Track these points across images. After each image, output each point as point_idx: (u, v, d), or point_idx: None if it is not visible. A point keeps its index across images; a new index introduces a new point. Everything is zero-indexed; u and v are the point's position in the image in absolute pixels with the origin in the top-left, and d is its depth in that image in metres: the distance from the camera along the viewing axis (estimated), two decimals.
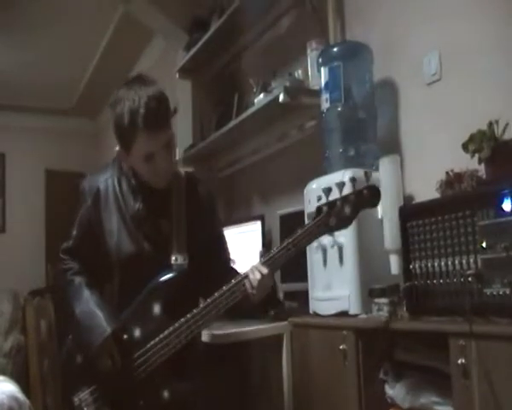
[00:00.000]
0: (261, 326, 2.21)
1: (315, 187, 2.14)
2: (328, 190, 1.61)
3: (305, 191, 2.20)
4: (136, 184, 1.70)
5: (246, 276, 1.57)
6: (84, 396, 1.61)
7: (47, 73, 5.40)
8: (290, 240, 1.57)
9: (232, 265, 1.84)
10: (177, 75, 3.74)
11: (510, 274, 1.41)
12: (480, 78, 1.92)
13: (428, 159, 2.09)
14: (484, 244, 1.48)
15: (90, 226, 1.71)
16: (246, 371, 2.62)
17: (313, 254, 2.16)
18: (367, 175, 1.56)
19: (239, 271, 1.66)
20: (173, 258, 1.65)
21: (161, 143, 1.59)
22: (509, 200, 1.44)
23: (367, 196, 1.52)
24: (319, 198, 2.08)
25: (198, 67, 3.66)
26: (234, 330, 2.17)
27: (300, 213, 2.26)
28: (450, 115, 2.02)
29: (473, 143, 1.69)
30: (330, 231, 1.58)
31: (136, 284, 1.63)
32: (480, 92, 1.91)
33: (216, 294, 1.57)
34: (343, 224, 1.55)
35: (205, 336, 2.34)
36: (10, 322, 4.56)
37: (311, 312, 2.16)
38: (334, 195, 1.59)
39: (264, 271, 1.56)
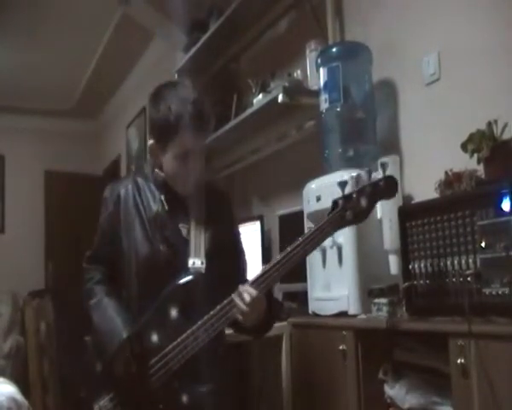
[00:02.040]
0: None
1: (314, 187, 2.14)
2: (343, 184, 1.57)
3: (304, 192, 2.19)
4: (158, 186, 1.72)
5: (231, 300, 1.53)
6: (103, 403, 1.61)
7: (46, 75, 5.40)
8: (293, 247, 1.53)
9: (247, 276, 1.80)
10: (176, 76, 3.74)
11: (509, 274, 1.41)
12: (479, 78, 1.92)
13: (427, 159, 2.09)
14: (483, 244, 1.48)
15: (112, 232, 1.73)
16: (245, 372, 2.62)
17: (312, 254, 2.16)
18: (369, 173, 1.53)
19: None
20: (191, 262, 1.64)
21: (199, 145, 1.66)
22: (508, 199, 1.44)
23: (383, 186, 1.49)
24: (318, 198, 2.09)
25: (197, 68, 3.66)
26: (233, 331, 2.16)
27: (300, 214, 2.26)
28: (449, 115, 2.02)
29: (472, 143, 1.69)
30: (346, 225, 1.54)
31: (154, 288, 1.62)
32: (479, 92, 1.91)
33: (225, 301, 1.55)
34: (360, 217, 1.51)
35: None
36: (9, 323, 4.56)
37: (310, 312, 2.16)
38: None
39: (253, 292, 1.51)
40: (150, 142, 1.69)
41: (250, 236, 2.85)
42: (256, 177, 3.35)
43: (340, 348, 1.84)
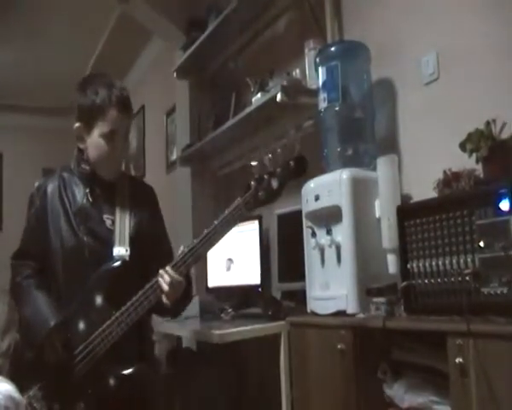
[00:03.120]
0: (259, 326, 2.21)
1: (313, 186, 2.14)
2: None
3: (302, 191, 2.19)
4: (83, 180, 1.80)
5: (156, 281, 1.63)
6: (33, 393, 1.65)
7: (45, 73, 5.40)
8: (210, 229, 1.62)
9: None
10: (175, 75, 3.74)
11: (508, 273, 1.41)
12: (478, 77, 1.92)
13: (426, 158, 2.09)
14: (481, 243, 1.48)
15: (39, 227, 1.79)
16: (243, 371, 2.62)
17: (311, 253, 2.16)
18: (294, 147, 1.60)
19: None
20: (116, 250, 1.71)
21: (124, 126, 1.77)
22: (506, 199, 1.44)
23: (293, 167, 1.54)
24: (317, 197, 2.09)
25: (195, 67, 3.66)
26: (231, 330, 2.17)
27: (298, 213, 2.26)
28: (448, 114, 2.02)
29: (470, 143, 1.69)
30: (259, 205, 1.60)
31: (81, 279, 1.69)
32: (478, 91, 1.91)
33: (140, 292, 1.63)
34: (271, 197, 1.58)
35: (203, 335, 2.34)
36: (7, 322, 4.55)
37: (308, 311, 2.16)
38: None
39: (174, 276, 1.61)
40: (76, 125, 1.82)
41: (249, 235, 2.86)
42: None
43: (339, 347, 1.84)
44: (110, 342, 1.62)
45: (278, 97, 2.47)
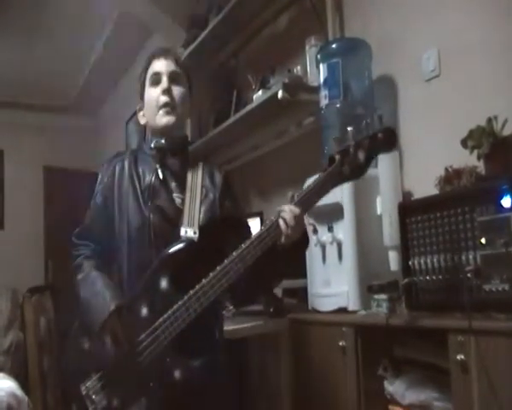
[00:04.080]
0: (260, 323, 2.21)
1: None
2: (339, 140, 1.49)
3: (303, 188, 2.19)
4: (154, 156, 1.71)
5: (278, 217, 1.51)
6: (91, 384, 1.54)
7: (46, 70, 5.38)
8: (303, 194, 1.51)
9: None
10: None
11: (509, 270, 1.41)
12: (479, 74, 1.92)
13: (427, 155, 2.09)
14: (483, 240, 1.49)
15: (105, 204, 1.70)
16: (244, 368, 2.62)
17: (312, 250, 2.16)
18: (380, 119, 1.44)
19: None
20: (183, 231, 1.59)
21: (167, 67, 1.73)
22: (507, 196, 1.44)
23: (382, 139, 1.40)
24: None
25: (196, 64, 3.65)
26: (232, 327, 2.17)
27: None
28: (449, 111, 2.02)
29: (472, 139, 1.69)
30: (344, 181, 1.48)
31: (145, 260, 1.57)
32: (479, 88, 1.91)
33: (234, 253, 1.48)
34: (357, 172, 1.44)
35: None
36: (9, 319, 4.56)
37: (310, 308, 2.16)
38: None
39: (297, 210, 1.49)
40: (139, 105, 1.79)
41: None
42: (256, 173, 3.35)
43: (340, 344, 1.84)
44: (176, 330, 1.46)
45: (279, 94, 2.47)
